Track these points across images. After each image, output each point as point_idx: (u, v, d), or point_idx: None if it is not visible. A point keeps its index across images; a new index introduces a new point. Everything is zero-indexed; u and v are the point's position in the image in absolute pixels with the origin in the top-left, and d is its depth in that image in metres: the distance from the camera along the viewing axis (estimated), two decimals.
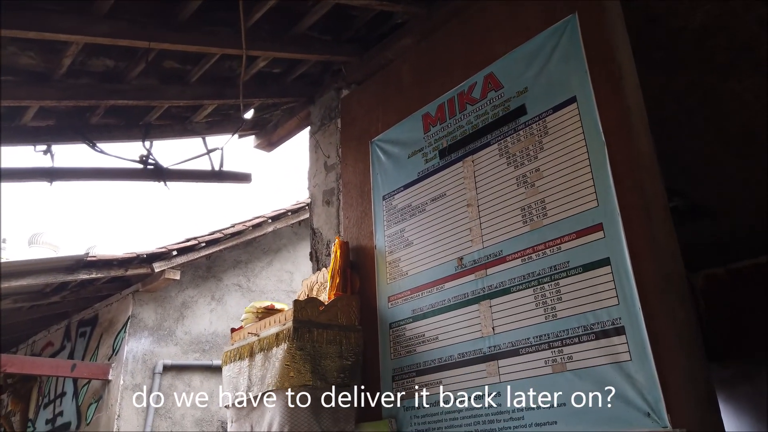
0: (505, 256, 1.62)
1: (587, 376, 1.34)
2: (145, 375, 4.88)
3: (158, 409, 4.81)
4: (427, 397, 1.70)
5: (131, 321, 4.96)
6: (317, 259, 2.53)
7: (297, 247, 6.55)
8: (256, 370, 1.93)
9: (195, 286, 5.45)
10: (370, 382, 1.90)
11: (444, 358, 1.70)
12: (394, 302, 1.94)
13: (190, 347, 5.24)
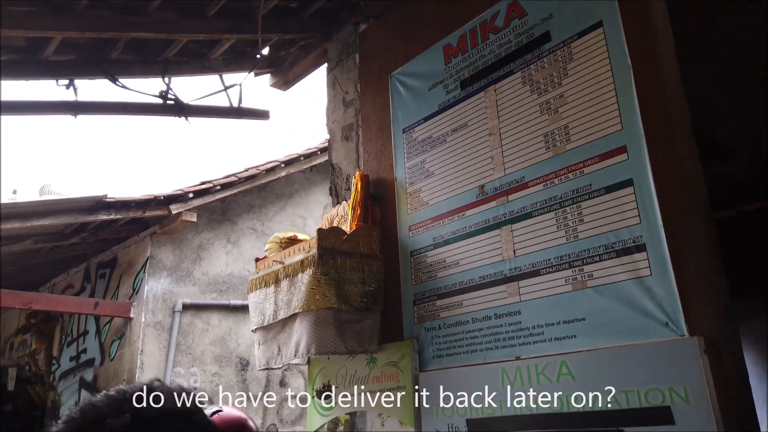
0: (527, 182, 1.66)
1: (607, 292, 1.39)
2: (166, 313, 5.04)
3: (179, 345, 4.99)
4: (448, 319, 1.77)
5: (150, 262, 5.08)
6: (337, 194, 2.58)
7: (309, 192, 6.60)
8: (282, 295, 2.01)
9: (211, 229, 5.55)
10: (392, 306, 1.97)
11: (465, 282, 1.75)
12: (415, 231, 1.99)
13: (207, 287, 5.38)
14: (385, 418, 1.83)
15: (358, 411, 1.95)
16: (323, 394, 2.10)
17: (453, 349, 1.73)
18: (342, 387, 2.04)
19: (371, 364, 1.95)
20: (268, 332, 2.06)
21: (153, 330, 4.95)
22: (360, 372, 1.98)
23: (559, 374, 1.41)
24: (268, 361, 2.02)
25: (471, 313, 1.71)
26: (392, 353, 1.88)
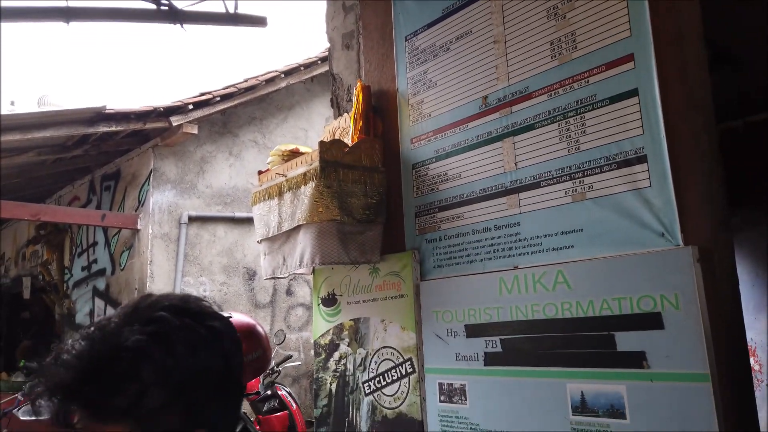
0: (532, 92, 1.63)
1: (606, 203, 1.41)
2: (172, 225, 5.12)
3: (187, 256, 5.13)
4: (449, 230, 1.80)
5: (154, 174, 5.10)
6: (338, 105, 2.54)
7: (310, 104, 6.51)
8: (285, 207, 2.03)
9: (212, 142, 5.52)
10: (394, 218, 2.00)
11: (466, 194, 1.77)
12: (416, 144, 1.98)
13: (212, 200, 5.43)
14: (388, 324, 1.91)
15: (362, 317, 2.03)
16: (328, 302, 2.18)
17: (453, 260, 1.77)
18: (346, 295, 2.12)
19: (374, 274, 2.01)
20: (273, 243, 2.10)
21: (161, 241, 5.05)
22: (363, 281, 2.05)
23: (555, 283, 1.45)
24: (274, 270, 2.08)
25: (471, 224, 1.73)
26: (394, 263, 1.93)
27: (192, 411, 0.85)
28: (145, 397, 0.80)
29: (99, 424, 0.79)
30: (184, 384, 0.83)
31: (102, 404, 0.79)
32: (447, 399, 1.68)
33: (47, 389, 0.80)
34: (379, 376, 1.91)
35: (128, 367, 0.80)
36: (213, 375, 0.87)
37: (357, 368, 2.00)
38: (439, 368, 1.72)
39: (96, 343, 0.82)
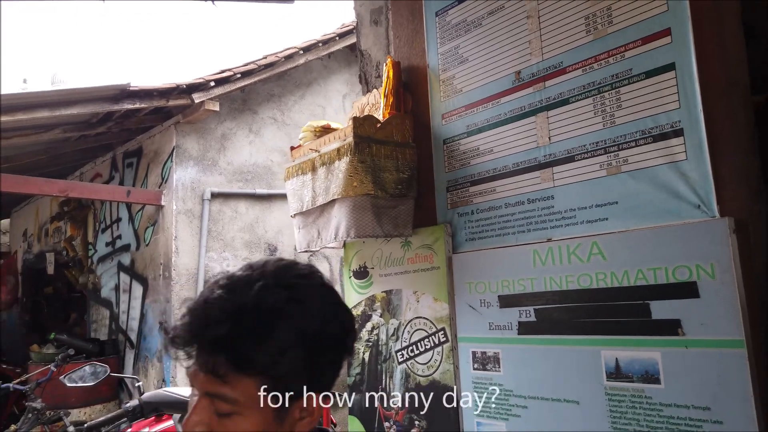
0: (566, 67, 1.65)
1: (641, 176, 1.44)
2: (195, 201, 5.20)
3: (210, 232, 5.21)
4: (481, 204, 1.85)
5: (176, 151, 5.16)
6: (366, 82, 2.57)
7: (327, 80, 6.51)
8: (319, 182, 2.08)
9: (233, 119, 5.57)
10: (425, 193, 2.04)
11: (498, 169, 1.80)
12: (447, 119, 2.01)
13: (233, 177, 5.50)
14: (420, 295, 1.97)
15: (394, 289, 2.09)
16: (360, 275, 2.24)
17: (485, 233, 1.81)
18: (378, 268, 2.17)
19: (405, 247, 2.06)
20: (307, 217, 2.16)
21: (184, 217, 5.14)
22: (395, 254, 2.10)
23: (590, 254, 1.50)
24: (309, 243, 2.14)
25: (504, 198, 1.77)
26: (426, 236, 1.98)
27: (316, 374, 0.90)
28: (283, 356, 0.85)
29: (236, 375, 0.84)
30: (315, 348, 0.88)
31: (246, 358, 0.83)
32: (480, 366, 1.74)
33: (192, 337, 0.85)
34: (412, 345, 1.97)
35: (272, 326, 0.85)
36: (335, 341, 0.93)
37: (390, 338, 2.07)
38: (473, 337, 1.78)
39: (241, 299, 0.86)
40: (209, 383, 0.85)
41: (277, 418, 0.88)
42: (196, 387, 0.88)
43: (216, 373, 0.84)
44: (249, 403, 0.85)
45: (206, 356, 0.84)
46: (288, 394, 0.87)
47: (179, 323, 0.87)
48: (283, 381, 0.87)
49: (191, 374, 0.88)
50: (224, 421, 0.85)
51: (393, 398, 2.02)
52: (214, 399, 0.85)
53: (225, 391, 0.84)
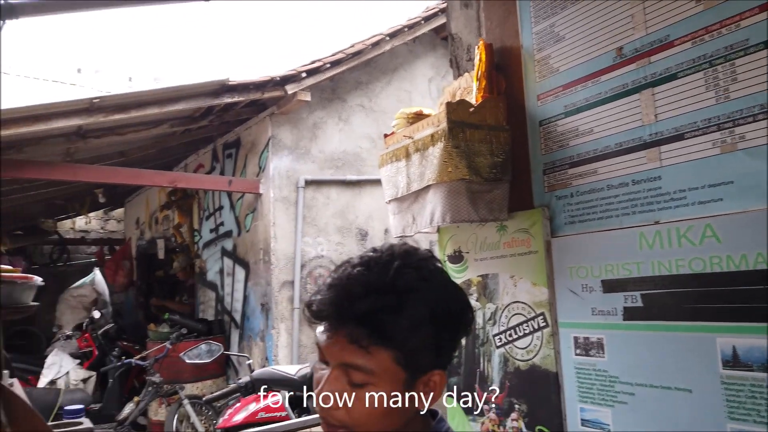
0: (673, 40, 1.56)
1: (760, 153, 1.35)
2: (290, 189, 5.42)
3: (305, 218, 5.42)
4: (581, 187, 1.80)
5: (272, 141, 5.39)
6: (457, 65, 2.55)
7: (413, 65, 6.51)
8: (413, 168, 2.11)
9: (323, 108, 5.72)
10: (521, 176, 2.01)
11: (599, 149, 1.75)
12: (543, 100, 1.97)
13: (325, 164, 5.67)
14: (518, 279, 1.96)
15: (490, 273, 2.09)
16: (455, 259, 2.25)
17: (586, 216, 1.77)
18: (473, 252, 2.18)
19: (501, 231, 2.05)
20: (401, 203, 2.20)
21: (281, 204, 5.37)
22: (490, 239, 2.10)
23: (702, 237, 1.43)
24: (404, 229, 2.18)
25: (606, 180, 1.72)
26: (523, 221, 1.96)
27: (440, 351, 0.97)
28: (416, 331, 0.91)
29: (374, 347, 0.90)
30: (440, 325, 0.95)
31: (384, 331, 0.90)
32: (583, 352, 1.71)
33: (337, 310, 0.91)
34: (511, 329, 1.97)
35: (407, 302, 0.91)
36: (456, 320, 0.99)
37: (487, 322, 2.08)
38: (574, 322, 1.75)
39: (379, 277, 0.93)
40: (348, 354, 0.91)
41: (403, 392, 0.93)
42: (331, 358, 0.93)
43: (359, 344, 0.90)
44: (383, 375, 0.91)
45: (350, 328, 0.91)
46: (416, 370, 0.93)
47: (321, 297, 0.94)
48: (414, 356, 0.92)
49: (326, 346, 0.94)
50: (357, 391, 0.91)
51: (491, 382, 2.03)
52: (349, 370, 0.92)
53: (363, 362, 0.91)
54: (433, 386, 0.98)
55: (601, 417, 1.64)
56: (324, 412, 0.93)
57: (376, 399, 0.91)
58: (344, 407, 0.91)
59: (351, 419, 0.91)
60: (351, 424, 0.92)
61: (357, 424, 0.92)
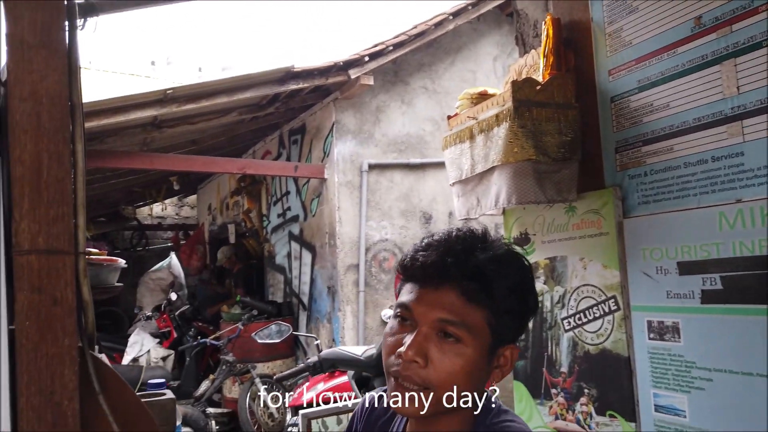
0: (757, 7, 1.46)
1: None
2: (354, 173, 5.48)
3: (369, 202, 5.47)
4: (655, 165, 1.72)
5: (336, 126, 5.46)
6: (523, 42, 2.49)
7: (477, 44, 6.39)
8: (477, 150, 2.08)
9: (386, 91, 5.72)
10: (590, 155, 1.95)
11: (676, 125, 1.67)
12: (615, 75, 1.89)
13: (388, 148, 5.68)
14: (587, 262, 1.90)
15: (558, 256, 2.04)
16: (521, 241, 2.22)
17: (661, 195, 1.70)
18: (540, 234, 2.14)
19: (570, 213, 2.00)
20: (465, 185, 2.18)
21: (345, 189, 5.44)
22: (558, 220, 2.05)
23: None
24: (468, 211, 2.16)
25: (683, 157, 1.64)
26: (593, 201, 1.90)
27: (519, 323, 1.02)
28: (508, 297, 0.97)
29: (472, 304, 0.95)
30: (520, 300, 1.00)
31: (484, 290, 0.95)
32: (657, 337, 1.65)
33: (445, 264, 0.96)
34: (580, 313, 1.92)
35: (503, 267, 0.97)
36: (530, 298, 1.03)
37: (555, 305, 2.04)
38: (648, 306, 1.69)
39: (476, 242, 0.99)
40: (447, 309, 0.95)
41: (486, 357, 0.98)
42: (424, 316, 0.96)
43: (466, 297, 0.94)
44: (475, 333, 0.95)
45: (457, 282, 0.95)
46: (499, 338, 0.98)
47: (426, 254, 0.98)
48: (501, 321, 0.97)
49: (421, 304, 0.97)
50: (449, 347, 0.94)
51: (559, 366, 2.00)
52: (444, 324, 0.94)
53: (461, 317, 0.94)
54: (505, 361, 1.01)
55: (677, 403, 1.59)
56: (406, 371, 0.95)
57: (465, 356, 0.94)
58: (431, 365, 0.94)
59: (435, 377, 0.93)
60: (433, 383, 0.94)
61: (439, 383, 0.94)
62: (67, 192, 0.54)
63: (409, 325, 0.99)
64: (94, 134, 4.78)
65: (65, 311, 0.54)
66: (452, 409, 0.98)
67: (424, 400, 0.94)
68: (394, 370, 0.97)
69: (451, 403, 0.95)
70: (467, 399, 0.98)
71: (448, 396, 0.95)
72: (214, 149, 6.90)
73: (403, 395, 0.95)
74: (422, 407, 0.94)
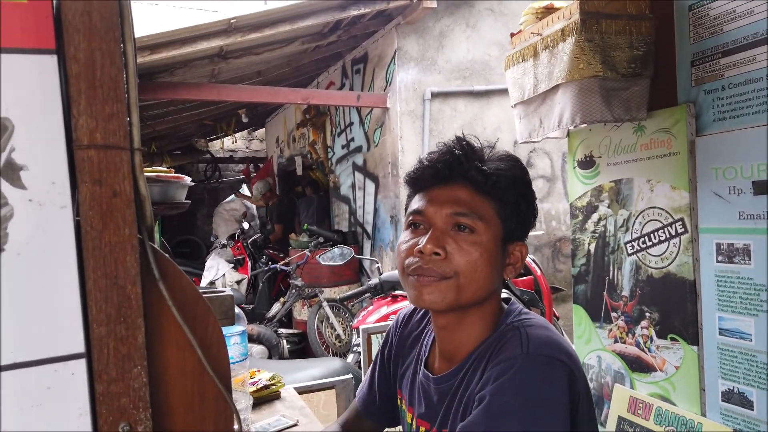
0: None
1: None
2: (417, 102, 5.40)
3: (431, 131, 5.40)
4: (734, 78, 1.60)
5: (398, 54, 5.34)
6: None
7: None
8: (541, 68, 2.00)
9: (450, 15, 5.51)
10: (663, 70, 1.83)
11: (760, 33, 1.53)
12: None
13: (451, 75, 5.53)
14: (655, 184, 1.83)
15: (624, 178, 1.97)
16: (585, 164, 2.15)
17: (739, 110, 1.58)
18: (605, 156, 2.06)
19: (638, 132, 1.91)
20: (528, 106, 2.11)
21: (408, 118, 5.39)
22: (626, 141, 1.96)
23: None
24: (530, 134, 2.10)
25: (766, 68, 1.51)
26: (663, 120, 1.80)
27: (525, 221, 1.07)
28: (515, 189, 1.03)
29: (484, 196, 1.01)
30: (525, 192, 1.06)
31: (499, 180, 1.01)
32: (726, 259, 1.59)
33: (468, 159, 1.02)
34: (644, 236, 1.87)
35: (509, 163, 1.05)
36: (533, 200, 1.09)
37: (618, 229, 1.99)
38: (717, 228, 1.62)
39: (485, 146, 1.07)
40: (461, 202, 1.00)
41: (500, 249, 1.02)
42: (438, 215, 1.01)
43: (479, 189, 1.00)
44: (488, 222, 1.00)
45: (470, 176, 1.01)
46: (509, 231, 1.04)
47: (438, 156, 1.04)
48: (510, 213, 1.03)
49: (434, 203, 1.02)
50: (465, 236, 0.99)
51: (620, 289, 1.97)
52: (459, 217, 1.00)
53: (474, 208, 1.00)
54: (516, 259, 1.06)
55: (742, 326, 1.54)
56: (426, 264, 0.99)
57: (481, 244, 0.99)
58: (450, 256, 0.98)
59: (455, 266, 0.98)
60: (455, 270, 0.98)
61: (459, 270, 0.98)
62: (120, 90, 0.57)
63: (423, 229, 1.03)
64: (164, 66, 4.91)
65: (124, 203, 0.58)
66: (473, 304, 1.01)
67: (446, 288, 0.98)
68: (413, 268, 1.00)
69: (472, 291, 0.99)
70: (486, 292, 1.02)
71: (469, 283, 0.98)
72: (279, 80, 6.95)
73: (425, 288, 0.99)
74: (444, 294, 0.98)
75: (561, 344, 0.93)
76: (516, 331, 0.96)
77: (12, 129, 0.55)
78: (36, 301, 0.58)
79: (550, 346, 0.91)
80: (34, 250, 0.57)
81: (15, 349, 0.57)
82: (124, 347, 0.60)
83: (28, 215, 0.57)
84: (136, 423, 0.61)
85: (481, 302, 1.03)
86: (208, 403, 0.66)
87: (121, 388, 0.60)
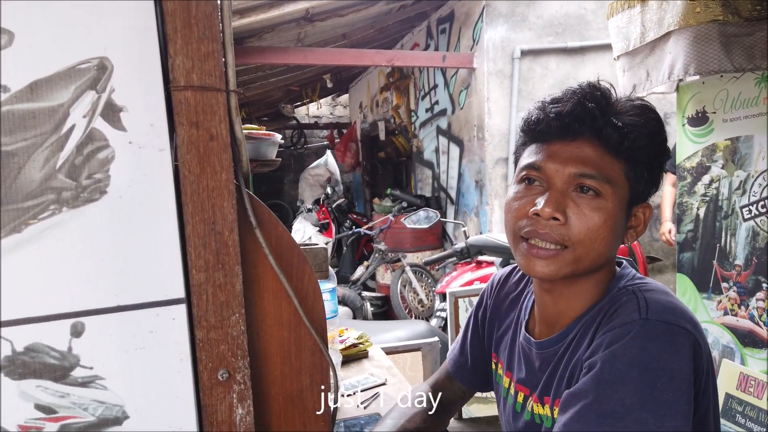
0: None
1: None
2: (505, 61, 5.18)
3: (521, 92, 5.19)
4: None
5: (486, 10, 5.13)
6: None
7: None
8: (650, 14, 1.83)
9: None
10: None
11: None
12: None
13: (543, 31, 5.25)
14: None
15: (742, 136, 1.78)
16: (697, 121, 1.96)
17: None
18: (721, 111, 1.87)
19: (761, 84, 1.71)
20: (633, 57, 1.95)
21: (495, 78, 5.19)
22: (746, 94, 1.77)
23: None
24: (635, 87, 1.94)
25: None
26: None
27: (654, 179, 0.95)
28: (645, 148, 0.91)
29: (613, 156, 0.90)
30: (659, 149, 0.94)
31: (631, 139, 0.89)
32: None
33: (587, 114, 0.90)
34: (764, 200, 1.69)
35: (645, 118, 0.91)
36: (666, 156, 0.97)
37: (733, 192, 1.81)
38: None
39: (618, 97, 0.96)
40: (587, 161, 0.89)
41: (624, 213, 0.92)
42: (559, 173, 0.90)
43: (608, 147, 0.89)
44: (615, 185, 0.90)
45: (600, 132, 0.89)
46: (636, 193, 0.93)
47: (558, 104, 0.92)
48: (639, 173, 0.92)
49: (556, 158, 0.91)
50: (584, 201, 0.89)
51: (734, 258, 1.80)
52: (583, 179, 0.89)
53: (601, 169, 0.89)
54: (638, 222, 0.96)
55: None
56: (543, 229, 0.89)
57: (606, 210, 0.89)
58: (569, 222, 0.88)
59: (575, 234, 0.88)
60: (573, 240, 0.88)
61: (579, 240, 0.88)
62: (216, 28, 0.55)
63: (539, 186, 0.93)
64: (252, 31, 4.99)
65: (221, 146, 0.57)
66: (588, 272, 0.93)
67: (562, 262, 0.89)
68: (526, 231, 0.91)
69: (590, 260, 0.90)
70: (605, 259, 0.93)
71: (587, 253, 0.89)
72: (364, 43, 6.90)
73: (539, 261, 0.90)
74: (559, 267, 0.89)
75: (685, 311, 0.84)
76: (632, 296, 0.87)
77: (111, 69, 0.54)
78: (138, 245, 0.58)
79: (673, 312, 0.82)
80: (135, 193, 0.57)
81: (118, 292, 0.58)
82: (222, 294, 0.60)
83: (129, 158, 0.56)
84: (235, 371, 0.61)
85: (597, 269, 0.94)
86: (305, 354, 0.65)
87: (220, 335, 0.60)
